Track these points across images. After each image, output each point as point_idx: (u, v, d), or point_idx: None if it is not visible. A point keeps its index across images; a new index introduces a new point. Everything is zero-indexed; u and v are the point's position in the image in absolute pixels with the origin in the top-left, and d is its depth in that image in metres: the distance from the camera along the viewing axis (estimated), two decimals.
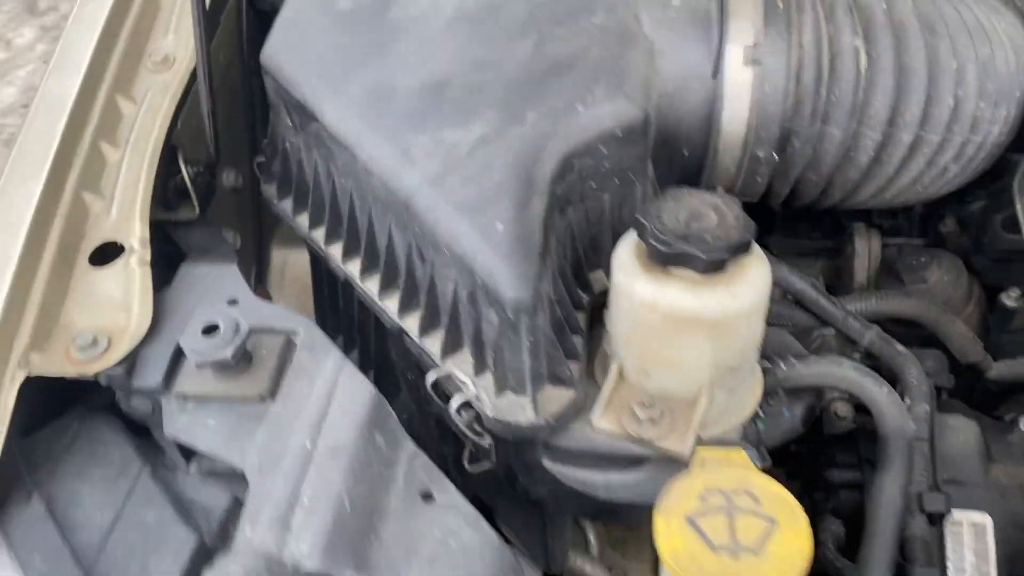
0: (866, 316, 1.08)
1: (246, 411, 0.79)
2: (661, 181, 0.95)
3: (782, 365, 0.95)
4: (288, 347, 0.84)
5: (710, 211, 0.78)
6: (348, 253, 0.97)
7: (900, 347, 1.03)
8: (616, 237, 0.92)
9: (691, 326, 0.77)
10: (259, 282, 1.39)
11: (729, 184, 0.98)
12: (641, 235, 0.78)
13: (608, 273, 0.93)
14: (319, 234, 1.02)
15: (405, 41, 0.95)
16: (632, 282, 0.78)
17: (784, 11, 0.90)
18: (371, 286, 0.94)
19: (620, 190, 0.90)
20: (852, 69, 0.89)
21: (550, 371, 0.83)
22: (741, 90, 0.90)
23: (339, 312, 1.14)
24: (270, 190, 1.11)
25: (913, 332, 1.12)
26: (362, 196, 0.93)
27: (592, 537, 1.09)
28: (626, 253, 0.81)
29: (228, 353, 0.77)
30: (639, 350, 0.81)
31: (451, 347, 0.87)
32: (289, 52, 0.99)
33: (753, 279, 0.78)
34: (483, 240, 0.79)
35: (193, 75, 1.03)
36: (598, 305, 0.94)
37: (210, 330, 0.79)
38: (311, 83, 0.94)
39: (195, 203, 1.05)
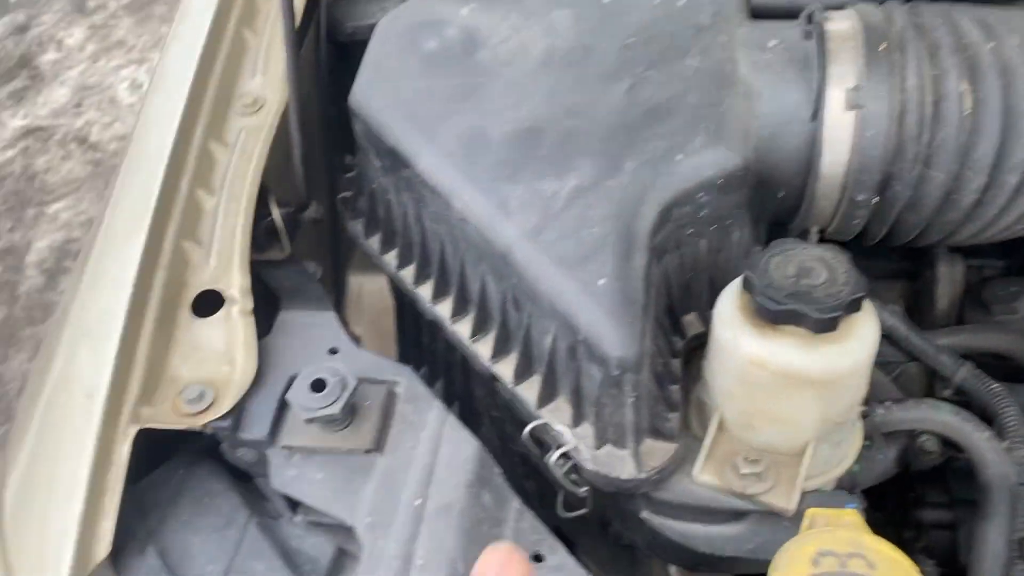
0: (956, 350, 1.06)
1: (353, 464, 0.80)
2: (755, 222, 0.94)
3: (879, 410, 0.94)
4: (391, 398, 0.85)
5: (819, 266, 0.77)
6: (438, 295, 0.98)
7: (994, 384, 1.01)
8: (712, 282, 0.92)
9: (800, 384, 0.76)
10: (336, 308, 1.41)
11: (824, 224, 0.97)
12: (749, 291, 0.77)
13: (703, 316, 0.93)
14: (408, 274, 1.02)
15: (496, 85, 0.95)
16: (738, 338, 0.78)
17: (886, 53, 0.88)
18: (462, 329, 0.94)
19: (718, 236, 0.89)
20: (956, 112, 0.87)
21: (651, 424, 0.82)
22: (842, 134, 0.88)
23: (422, 346, 1.15)
24: (356, 227, 1.11)
25: (998, 364, 1.10)
26: (454, 242, 0.93)
27: None
28: (729, 307, 0.80)
29: (337, 409, 0.78)
30: (743, 405, 0.81)
31: (547, 397, 0.87)
32: (378, 95, 0.99)
33: (863, 335, 0.77)
34: (585, 296, 0.79)
35: (281, 115, 1.04)
36: (689, 349, 0.93)
37: (318, 386, 0.79)
38: (403, 129, 0.95)
39: (285, 243, 1.07)
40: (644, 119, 0.88)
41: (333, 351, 0.89)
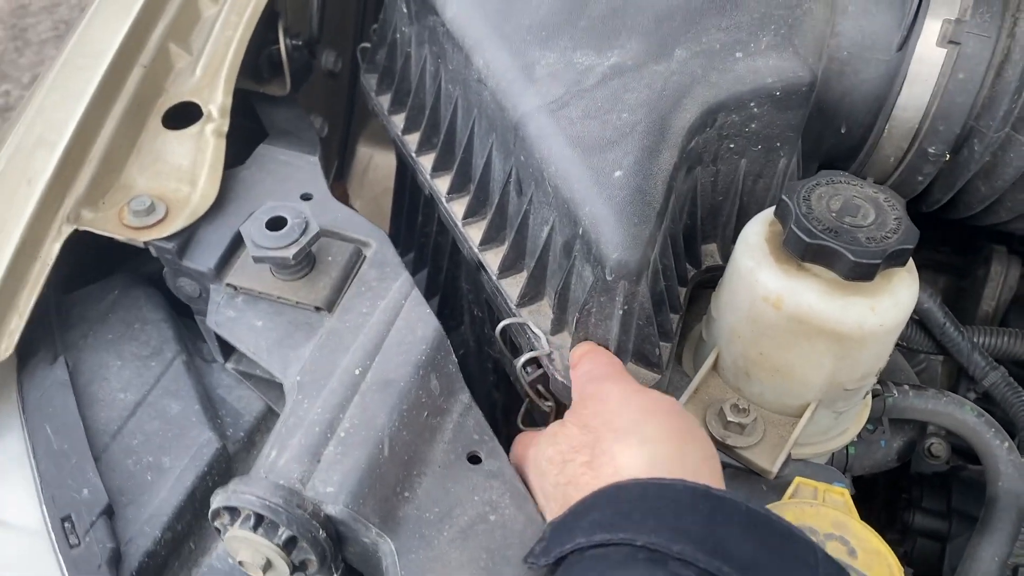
0: (993, 353, 0.95)
1: (298, 319, 0.71)
2: (805, 158, 0.82)
3: (895, 391, 0.84)
4: (356, 258, 0.75)
5: (869, 206, 0.66)
6: (439, 167, 0.88)
7: None
8: (743, 210, 0.81)
9: (817, 335, 0.66)
10: (339, 177, 1.31)
11: (882, 177, 0.85)
12: (782, 217, 0.67)
13: (724, 251, 0.83)
14: (412, 140, 0.92)
15: None
16: (758, 269, 0.67)
17: None
18: (456, 208, 0.84)
19: (761, 158, 0.78)
20: None
21: (637, 348, 0.72)
22: (929, 72, 0.76)
23: (415, 227, 1.05)
24: (370, 81, 1.01)
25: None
26: (467, 108, 0.83)
27: None
28: (757, 234, 0.69)
29: (291, 253, 0.69)
30: (745, 348, 0.70)
31: (531, 296, 0.77)
32: None
33: (900, 295, 0.66)
34: (595, 186, 0.68)
35: None
36: (701, 282, 0.83)
37: (276, 224, 0.70)
38: None
39: (287, 78, 0.97)
40: (708, 4, 0.76)
41: (306, 196, 0.80)
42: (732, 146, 0.76)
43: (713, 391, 0.74)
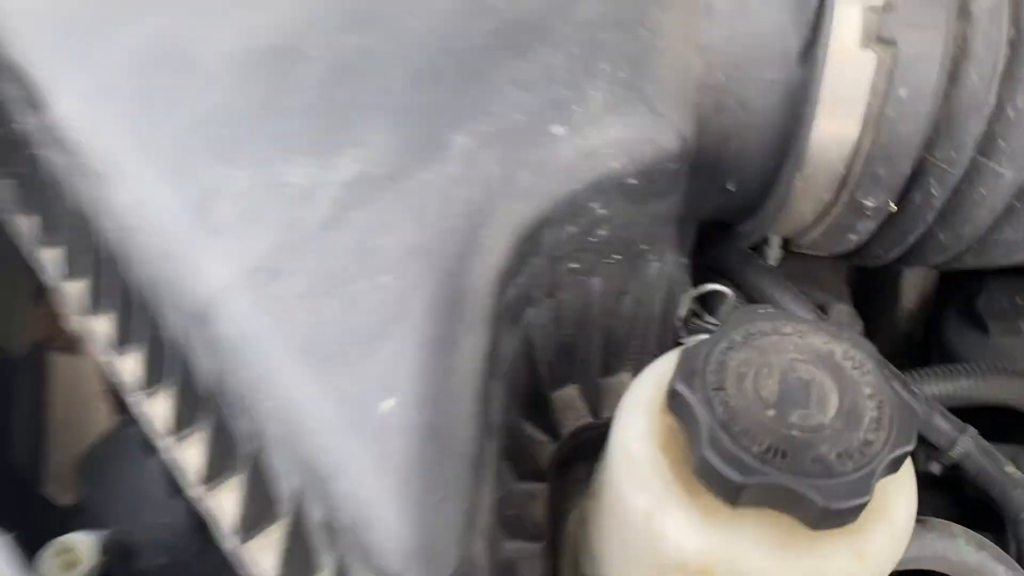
0: (949, 402, 0.72)
1: None
2: (681, 239, 0.54)
3: None
4: None
5: (823, 377, 0.39)
6: (122, 343, 0.54)
7: (1010, 468, 0.68)
8: (611, 340, 0.52)
9: None
10: None
11: (796, 233, 0.58)
12: (682, 422, 0.38)
13: (589, 395, 0.54)
14: (77, 294, 0.57)
15: None
16: (660, 514, 0.39)
17: None
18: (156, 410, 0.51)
19: (622, 269, 0.49)
20: None
21: None
22: (852, 89, 0.48)
23: None
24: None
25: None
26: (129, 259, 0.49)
27: None
28: (642, 439, 0.40)
29: None
30: None
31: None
32: None
33: (896, 516, 0.39)
34: (351, 434, 0.37)
35: None
36: (565, 458, 0.54)
37: None
38: (40, 47, 0.48)
39: None
40: (495, 42, 0.45)
41: None
42: (575, 266, 0.47)
43: None
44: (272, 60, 0.45)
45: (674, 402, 0.38)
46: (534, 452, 0.51)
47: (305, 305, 0.39)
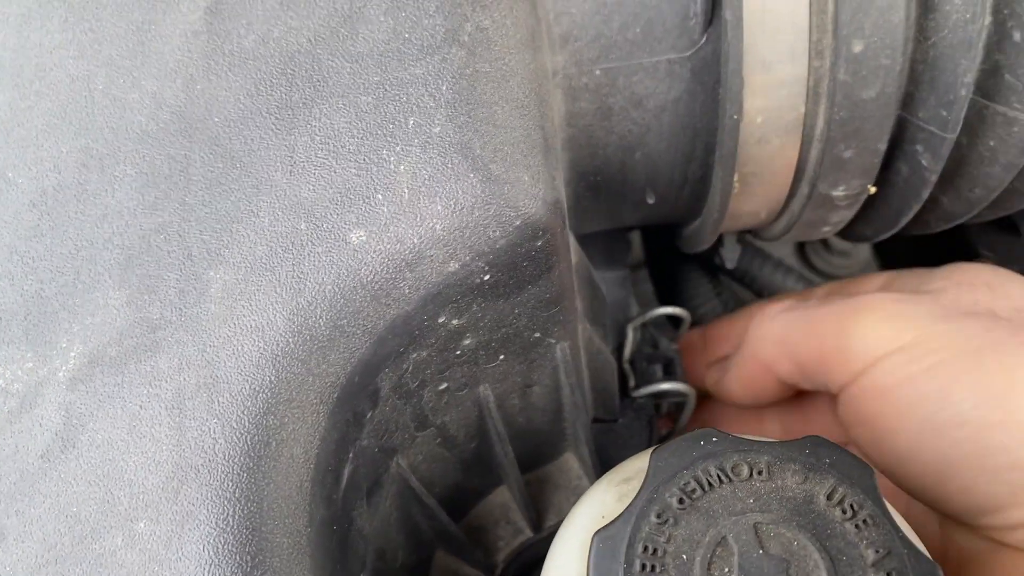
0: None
1: None
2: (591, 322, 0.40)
3: None
4: None
5: (802, 541, 0.26)
6: None
7: None
8: (532, 435, 0.39)
9: None
10: None
11: (757, 230, 0.44)
12: None
13: (523, 503, 0.42)
14: None
15: None
16: None
17: None
18: None
19: (515, 365, 0.36)
20: None
21: None
22: (786, 50, 0.34)
23: None
24: None
25: None
26: None
27: None
28: None
29: None
30: None
31: None
32: None
33: None
34: None
35: None
36: None
37: None
38: None
39: None
40: (245, 120, 0.31)
41: None
42: (445, 387, 0.34)
43: None
44: None
45: None
46: None
47: None
